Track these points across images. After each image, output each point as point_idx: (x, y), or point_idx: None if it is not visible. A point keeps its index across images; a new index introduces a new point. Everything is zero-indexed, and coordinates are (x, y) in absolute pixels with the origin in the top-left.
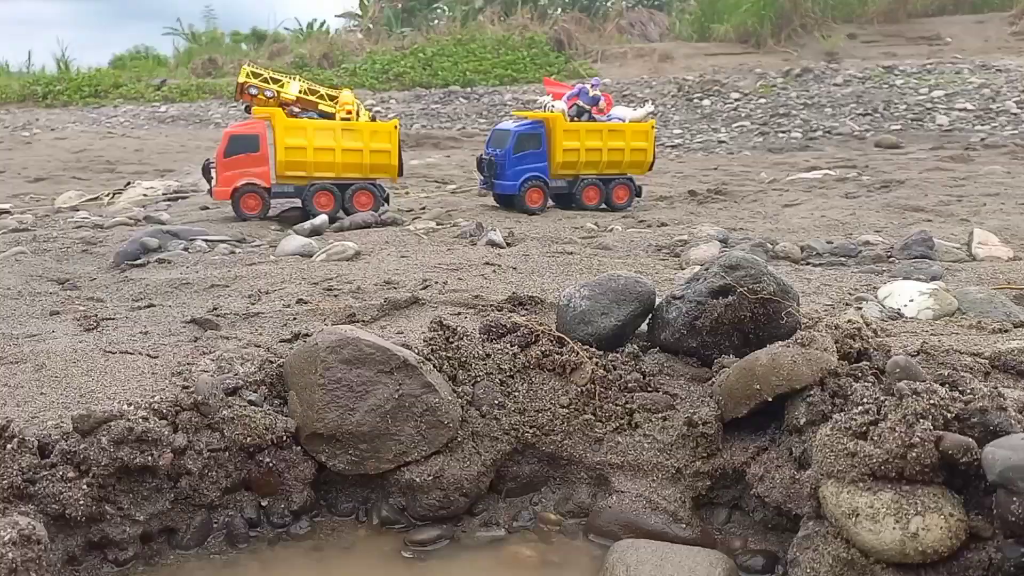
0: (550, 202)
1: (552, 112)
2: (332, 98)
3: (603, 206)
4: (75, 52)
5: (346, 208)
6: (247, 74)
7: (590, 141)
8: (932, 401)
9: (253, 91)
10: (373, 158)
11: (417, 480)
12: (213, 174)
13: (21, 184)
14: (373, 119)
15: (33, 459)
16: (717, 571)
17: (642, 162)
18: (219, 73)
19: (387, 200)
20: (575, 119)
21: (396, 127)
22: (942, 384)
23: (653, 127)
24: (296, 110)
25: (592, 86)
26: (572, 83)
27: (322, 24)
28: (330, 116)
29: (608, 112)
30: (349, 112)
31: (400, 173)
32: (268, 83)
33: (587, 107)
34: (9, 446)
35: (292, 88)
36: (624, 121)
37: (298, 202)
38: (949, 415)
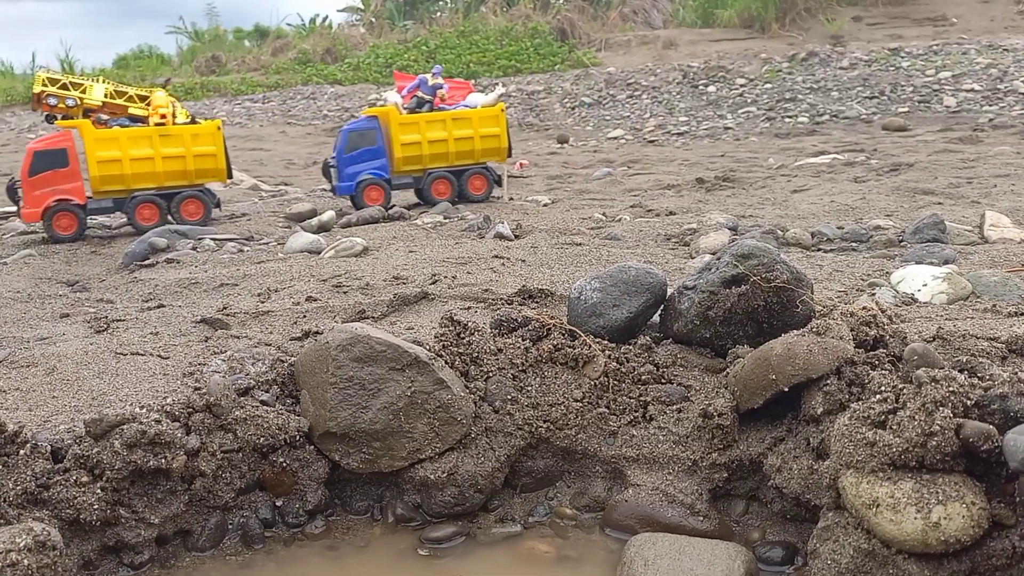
0: (403, 201)
1: (385, 106)
2: (144, 99)
3: (457, 199)
4: (78, 52)
5: (174, 218)
6: (43, 82)
7: (432, 132)
8: (951, 388)
9: (52, 100)
10: (198, 163)
11: (431, 477)
12: (20, 194)
13: None
14: (193, 120)
15: (46, 464)
16: (736, 563)
17: (497, 148)
18: (223, 71)
19: (218, 205)
20: (416, 111)
21: (220, 127)
22: (960, 370)
23: (503, 110)
24: (104, 117)
25: (433, 74)
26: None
27: (324, 19)
28: (143, 120)
29: (465, 100)
30: (164, 116)
31: (229, 175)
32: (68, 89)
33: (428, 97)
34: (22, 452)
35: (96, 92)
36: (476, 108)
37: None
38: (969, 402)
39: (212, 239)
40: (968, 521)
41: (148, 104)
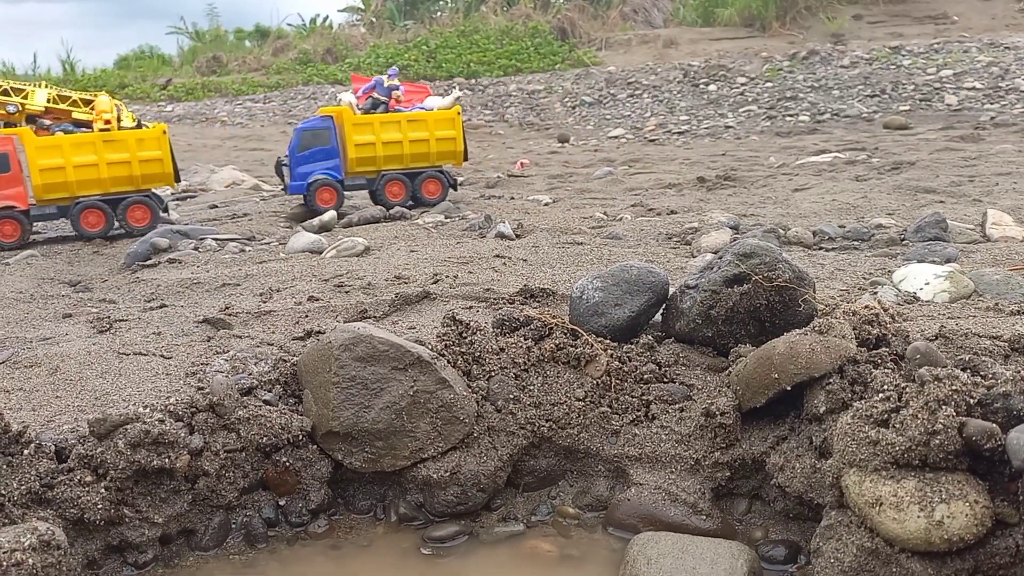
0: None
1: (340, 106)
2: (88, 103)
3: (411, 202)
4: (79, 53)
5: (120, 224)
6: None
7: (387, 134)
8: (954, 387)
9: None
10: (144, 168)
11: (434, 476)
12: None
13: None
14: (139, 125)
15: (50, 464)
16: (739, 562)
17: (453, 152)
18: (224, 71)
19: (167, 210)
20: (370, 112)
21: (165, 131)
22: (963, 369)
23: (459, 113)
24: (47, 122)
25: (389, 76)
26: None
27: (325, 19)
28: (87, 125)
29: (422, 103)
30: (108, 122)
31: (177, 179)
32: (10, 95)
33: (384, 99)
34: (26, 451)
35: (39, 97)
36: (432, 110)
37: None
38: (971, 401)
39: (214, 239)
40: (971, 519)
41: (92, 109)
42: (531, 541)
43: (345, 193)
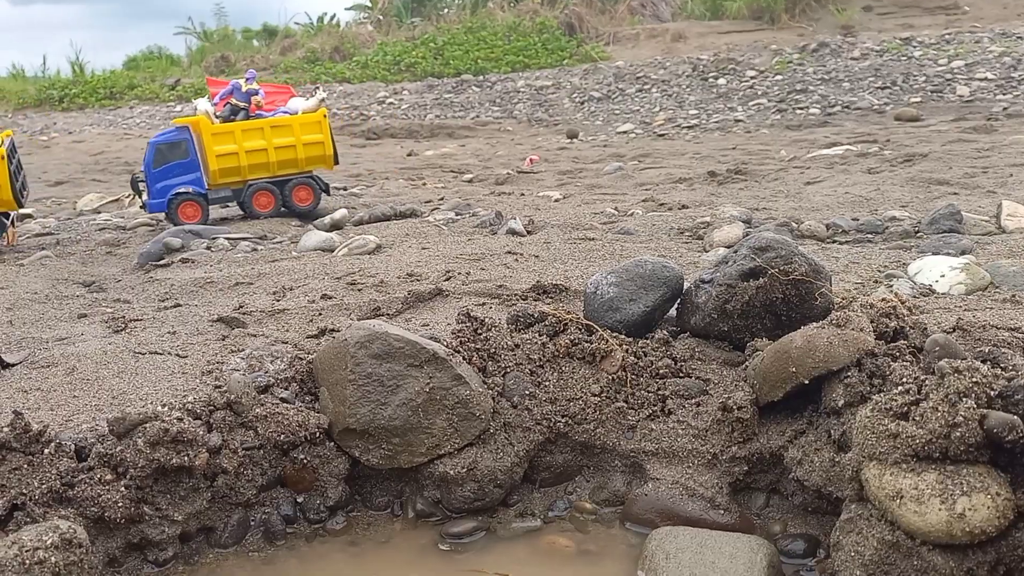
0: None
1: (196, 116)
2: None
3: (283, 211)
4: (88, 54)
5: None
6: None
7: (249, 141)
8: (974, 379)
9: None
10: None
11: (451, 473)
12: None
13: (42, 188)
14: None
15: (71, 463)
16: (759, 556)
17: (322, 156)
18: (232, 71)
19: (13, 223)
20: (230, 119)
21: (325, 116)
22: (983, 361)
23: (326, 116)
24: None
25: (247, 80)
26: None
27: (332, 17)
28: None
29: (285, 106)
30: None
31: (20, 205)
32: None
33: (243, 104)
34: (46, 451)
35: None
36: (297, 114)
37: None
38: (992, 392)
39: (226, 238)
40: (993, 512)
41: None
42: (549, 536)
43: (210, 207)
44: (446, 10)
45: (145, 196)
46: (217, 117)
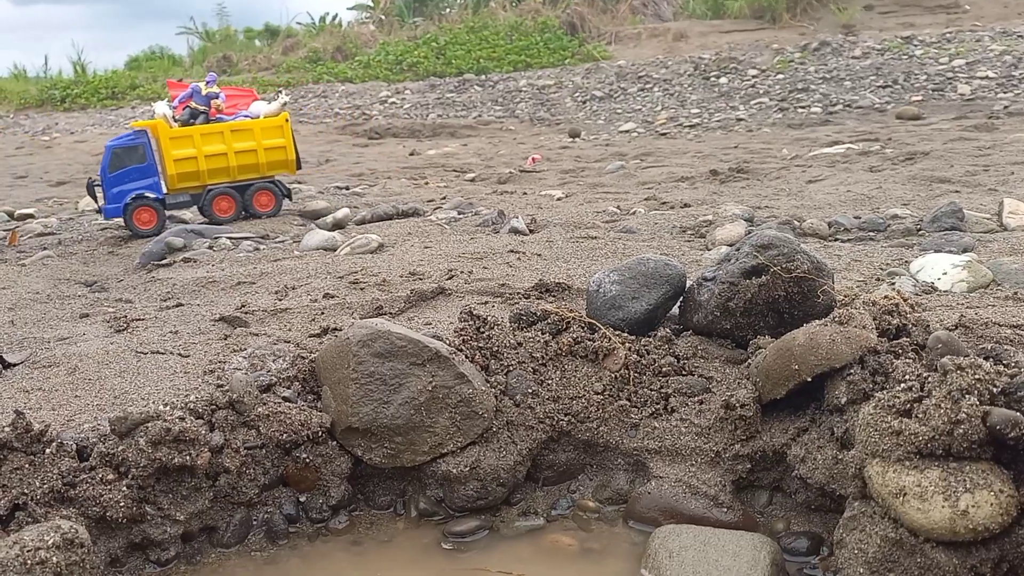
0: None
1: (154, 119)
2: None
3: (242, 216)
4: (90, 54)
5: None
6: None
7: (209, 146)
8: (977, 376)
9: None
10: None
11: (454, 471)
12: None
13: (44, 188)
14: None
15: (72, 463)
16: (762, 554)
17: (284, 160)
18: (234, 71)
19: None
20: (190, 123)
21: (287, 120)
22: (985, 358)
23: (288, 120)
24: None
25: (207, 83)
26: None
27: (334, 17)
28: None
29: (247, 109)
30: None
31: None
32: None
33: (203, 108)
34: (48, 450)
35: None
36: (258, 118)
37: None
38: (995, 389)
39: (228, 238)
40: (996, 509)
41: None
42: (552, 535)
43: (167, 212)
44: (448, 10)
45: (102, 201)
46: (176, 121)
